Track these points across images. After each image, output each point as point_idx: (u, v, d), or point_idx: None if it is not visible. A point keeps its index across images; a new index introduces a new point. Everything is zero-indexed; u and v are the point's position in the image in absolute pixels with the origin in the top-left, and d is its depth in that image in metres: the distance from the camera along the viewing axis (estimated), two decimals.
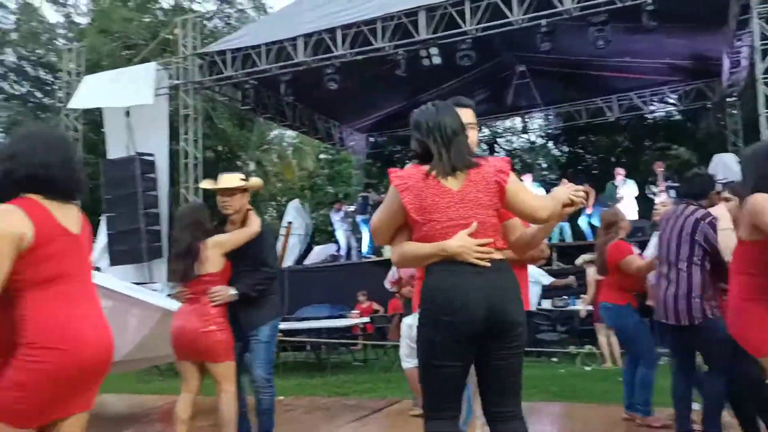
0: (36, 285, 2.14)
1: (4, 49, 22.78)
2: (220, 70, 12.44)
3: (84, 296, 2.27)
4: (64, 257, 2.21)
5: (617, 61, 12.90)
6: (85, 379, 2.20)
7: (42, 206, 2.19)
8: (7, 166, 2.18)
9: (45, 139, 2.28)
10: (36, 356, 2.09)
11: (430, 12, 10.57)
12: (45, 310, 2.14)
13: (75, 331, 2.17)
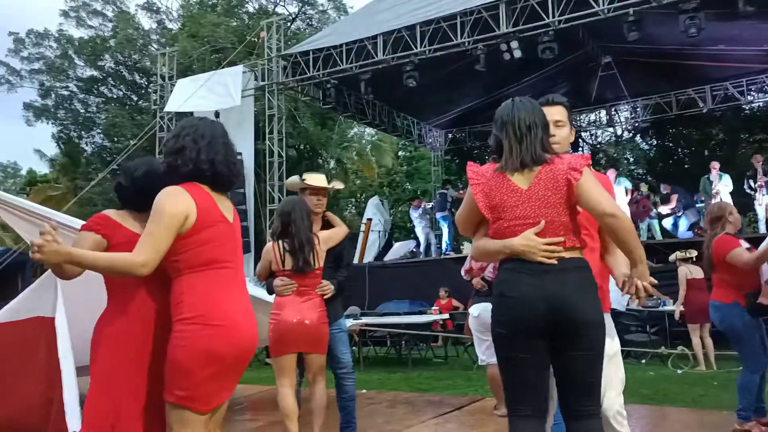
0: (194, 267, 2.22)
1: (104, 55, 24.22)
2: (303, 70, 12.74)
3: (237, 284, 2.33)
4: (221, 243, 2.29)
5: (710, 50, 12.28)
6: (235, 363, 2.25)
7: (206, 192, 2.30)
8: (176, 161, 2.30)
9: (210, 133, 2.36)
10: (192, 332, 2.15)
11: (511, 5, 10.42)
12: (202, 291, 2.20)
13: (230, 313, 2.23)
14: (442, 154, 18.75)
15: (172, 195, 2.21)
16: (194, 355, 2.14)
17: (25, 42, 24.59)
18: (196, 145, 2.30)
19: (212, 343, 2.15)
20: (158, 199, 2.20)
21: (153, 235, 2.15)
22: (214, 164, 2.31)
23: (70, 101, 25.04)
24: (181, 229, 2.19)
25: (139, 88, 24.81)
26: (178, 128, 2.37)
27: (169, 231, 2.16)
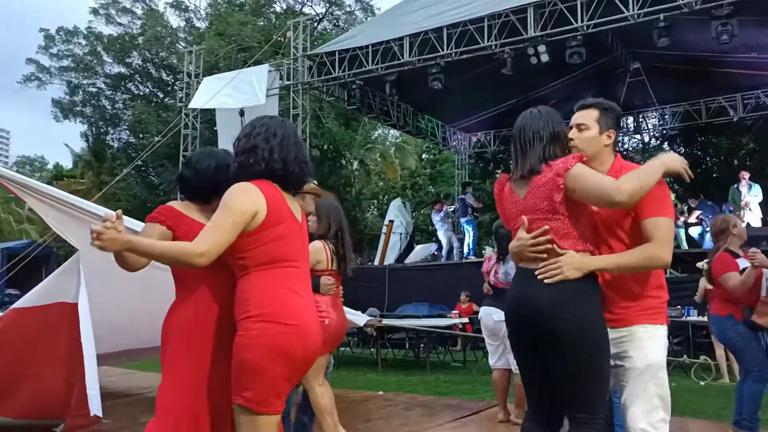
0: (262, 264, 2.19)
1: (132, 53, 24.56)
2: (329, 70, 12.77)
3: (304, 283, 2.30)
4: (289, 241, 2.27)
5: (742, 57, 12.06)
6: (303, 365, 2.20)
7: (277, 190, 2.28)
8: (248, 159, 2.28)
9: (282, 132, 2.33)
10: (262, 329, 2.09)
11: (539, 9, 10.34)
12: (271, 288, 2.17)
13: (299, 312, 2.19)
14: (466, 157, 18.67)
15: (243, 191, 2.19)
16: (266, 353, 2.08)
17: (55, 39, 25.04)
18: (268, 143, 2.28)
19: (285, 342, 2.10)
20: (229, 194, 2.18)
21: (217, 228, 2.12)
22: (286, 163, 2.29)
23: (98, 98, 25.44)
24: (249, 227, 2.16)
25: (166, 86, 25.12)
26: (249, 127, 2.35)
27: (235, 226, 2.13)
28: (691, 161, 20.49)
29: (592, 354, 2.22)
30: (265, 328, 2.09)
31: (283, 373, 2.12)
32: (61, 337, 4.40)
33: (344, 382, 7.53)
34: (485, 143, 18.26)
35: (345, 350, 10.27)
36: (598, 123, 2.44)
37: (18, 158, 62.67)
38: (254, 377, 2.08)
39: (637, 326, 2.31)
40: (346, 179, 23.14)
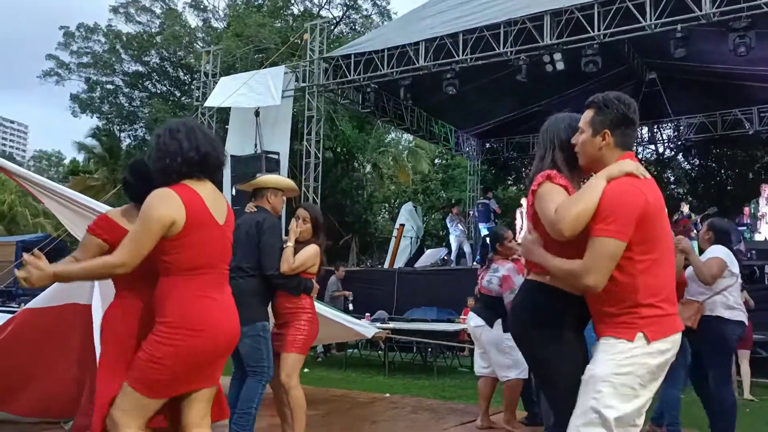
0: (180, 270, 2.32)
1: (150, 51, 24.76)
2: (344, 73, 12.83)
3: (221, 285, 2.43)
4: (208, 246, 2.38)
5: (760, 70, 11.97)
6: (215, 360, 2.40)
7: (197, 195, 2.37)
8: (164, 162, 2.38)
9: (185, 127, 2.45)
10: (175, 335, 2.26)
11: (556, 16, 10.34)
12: (186, 294, 2.31)
13: (211, 317, 2.34)
14: (478, 163, 18.66)
15: (161, 200, 2.28)
16: (176, 355, 2.26)
17: (74, 36, 25.30)
18: (175, 140, 2.38)
19: (194, 348, 2.28)
20: (147, 202, 2.28)
21: (135, 239, 2.26)
22: (199, 149, 2.39)
23: (115, 95, 25.66)
24: (169, 233, 2.28)
25: (183, 85, 25.30)
26: (154, 138, 2.46)
27: (152, 235, 2.25)
28: (706, 173, 20.46)
29: (540, 363, 2.37)
30: (177, 333, 2.26)
31: (184, 370, 2.30)
32: (74, 338, 4.45)
33: (351, 383, 7.56)
34: (498, 149, 18.25)
35: (353, 352, 10.29)
36: (591, 125, 2.29)
37: (35, 152, 63.32)
38: (156, 371, 2.26)
39: (602, 338, 2.22)
40: (359, 182, 23.17)
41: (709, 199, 17.29)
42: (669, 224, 2.27)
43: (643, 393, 2.14)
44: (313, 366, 9.40)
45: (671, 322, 2.19)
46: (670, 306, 2.20)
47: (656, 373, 2.16)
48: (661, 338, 2.15)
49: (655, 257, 2.17)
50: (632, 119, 2.28)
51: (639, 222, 2.11)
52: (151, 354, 2.27)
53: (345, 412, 5.92)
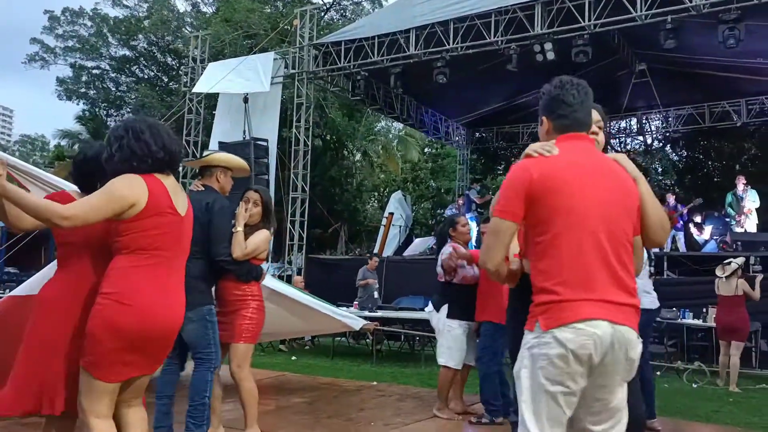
0: (131, 250, 2.41)
1: (137, 36, 24.48)
2: (334, 60, 12.75)
3: (170, 272, 2.48)
4: (163, 232, 2.46)
5: (748, 62, 12.04)
6: (143, 343, 2.39)
7: (161, 185, 2.48)
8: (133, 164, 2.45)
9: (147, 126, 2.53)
10: (104, 307, 2.34)
11: (547, 6, 10.32)
12: (129, 272, 2.38)
13: (144, 295, 2.37)
14: (468, 152, 18.66)
15: (128, 181, 2.39)
16: (103, 327, 2.32)
17: (60, 20, 24.95)
18: (140, 141, 2.47)
19: (120, 321, 2.32)
20: (115, 181, 2.38)
21: (90, 203, 2.32)
22: (165, 147, 2.50)
23: (102, 80, 25.38)
24: (126, 214, 2.37)
25: (171, 70, 25.06)
26: (115, 139, 2.50)
27: (107, 206, 2.32)
28: (693, 164, 20.60)
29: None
30: (106, 305, 2.34)
31: (118, 347, 2.33)
32: None
33: (339, 372, 7.57)
34: (488, 139, 18.25)
35: (341, 341, 10.31)
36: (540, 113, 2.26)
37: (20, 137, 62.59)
38: (92, 346, 2.33)
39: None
40: (348, 170, 23.12)
41: (696, 191, 17.41)
42: (582, 200, 1.99)
43: (556, 388, 1.91)
44: (300, 354, 9.41)
45: (573, 308, 1.91)
46: (572, 290, 1.93)
47: (565, 367, 1.89)
48: (558, 326, 1.91)
49: (550, 237, 1.99)
50: (564, 100, 2.16)
51: (527, 201, 2.02)
52: (87, 328, 2.35)
53: (332, 399, 5.94)
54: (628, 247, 2.03)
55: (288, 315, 5.40)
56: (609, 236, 1.99)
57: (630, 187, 2.11)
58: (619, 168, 2.14)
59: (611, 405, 1.99)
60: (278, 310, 5.22)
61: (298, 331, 7.88)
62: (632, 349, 1.97)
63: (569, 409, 1.94)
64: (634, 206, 2.10)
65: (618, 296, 1.95)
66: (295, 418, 5.03)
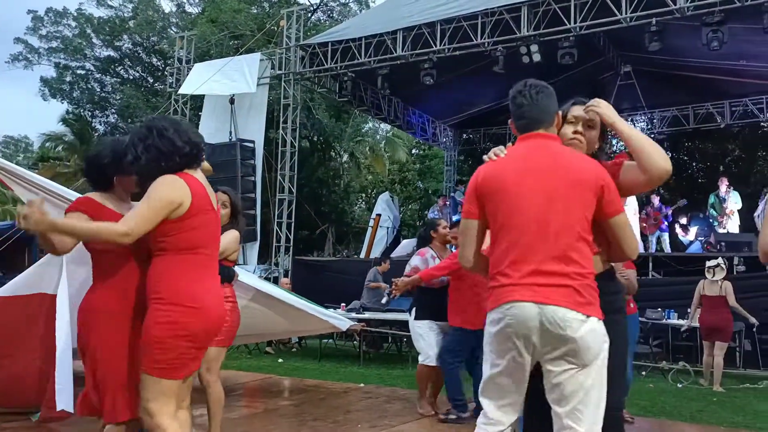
0: (178, 250, 2.43)
1: (122, 36, 24.30)
2: (321, 62, 12.72)
3: (211, 269, 2.56)
4: (205, 230, 2.50)
5: (731, 65, 12.15)
6: (206, 340, 2.51)
7: (199, 182, 2.50)
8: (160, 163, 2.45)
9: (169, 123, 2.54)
10: (171, 312, 2.37)
11: (533, 8, 10.36)
12: (181, 273, 2.42)
13: (204, 296, 2.45)
14: (455, 154, 18.70)
15: (170, 183, 2.42)
16: (174, 332, 2.36)
17: (43, 20, 24.73)
18: (166, 138, 2.46)
19: (189, 324, 2.39)
20: (158, 184, 2.40)
21: (142, 213, 2.34)
22: (191, 142, 2.51)
23: (87, 80, 25.17)
24: (173, 215, 2.39)
25: (156, 71, 24.90)
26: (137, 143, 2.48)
27: (158, 214, 2.35)
28: (678, 166, 20.79)
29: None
30: (172, 310, 2.37)
31: (187, 347, 2.40)
32: (39, 328, 4.39)
33: (326, 374, 7.55)
34: (475, 140, 18.29)
35: (328, 342, 10.28)
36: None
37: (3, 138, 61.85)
38: (163, 352, 2.36)
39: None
40: (335, 171, 23.09)
41: (681, 192, 17.57)
42: (520, 196, 2.22)
43: (497, 362, 2.21)
44: (287, 356, 9.37)
45: (506, 291, 2.17)
46: (506, 277, 2.19)
47: (495, 344, 2.21)
48: (494, 308, 2.21)
49: (496, 231, 2.28)
50: (517, 102, 2.40)
51: (478, 201, 2.33)
52: (152, 335, 2.37)
53: (319, 402, 5.92)
54: (567, 235, 2.17)
55: (274, 315, 5.38)
56: (545, 226, 2.17)
57: (580, 179, 2.22)
58: (570, 162, 2.25)
59: (575, 386, 2.13)
60: (265, 310, 5.20)
61: (285, 332, 7.85)
62: (569, 329, 2.10)
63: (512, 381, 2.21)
64: (584, 196, 2.20)
65: (550, 279, 2.13)
66: (281, 420, 5.01)
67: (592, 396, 2.14)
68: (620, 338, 2.34)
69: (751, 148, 18.82)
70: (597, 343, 2.14)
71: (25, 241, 11.78)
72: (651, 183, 2.29)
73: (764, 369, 8.39)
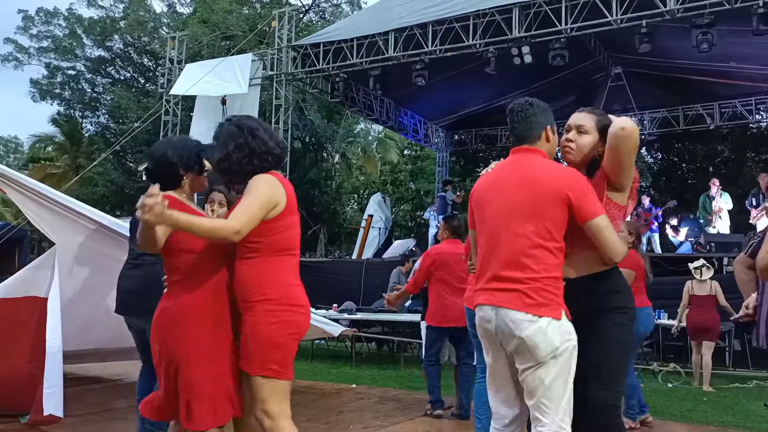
0: (275, 251, 2.44)
1: (113, 36, 24.19)
2: (313, 62, 12.71)
3: (298, 268, 2.60)
4: (295, 230, 2.53)
5: (721, 66, 12.24)
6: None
7: (288, 182, 2.54)
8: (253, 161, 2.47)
9: (258, 123, 2.59)
10: (281, 312, 2.40)
11: (525, 10, 10.40)
12: (284, 273, 2.46)
13: (304, 296, 2.53)
14: (447, 155, 18.71)
15: (269, 182, 2.43)
16: (288, 331, 2.41)
17: (34, 20, 24.58)
18: (259, 138, 2.48)
19: (299, 322, 2.46)
20: (257, 182, 2.41)
21: (250, 210, 2.33)
22: (280, 144, 2.56)
23: (77, 80, 25.04)
24: (270, 215, 2.39)
25: (147, 71, 24.81)
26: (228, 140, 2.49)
27: (262, 211, 2.37)
28: (668, 167, 20.90)
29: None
30: (282, 311, 2.39)
31: (295, 347, 2.47)
32: (29, 331, 4.36)
33: (318, 374, 7.54)
34: (467, 141, 18.33)
35: (320, 343, 10.27)
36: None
37: None
38: (276, 351, 2.38)
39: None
40: (327, 172, 23.08)
41: (671, 193, 17.68)
42: (492, 209, 2.45)
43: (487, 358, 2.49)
44: None
45: (476, 296, 2.46)
46: (478, 282, 2.48)
47: (482, 339, 2.47)
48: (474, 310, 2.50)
49: (477, 237, 2.54)
50: (508, 118, 2.59)
51: (471, 211, 2.59)
52: (265, 336, 2.37)
53: (311, 402, 5.91)
54: (526, 244, 2.33)
55: None
56: (499, 237, 2.39)
57: (542, 190, 2.36)
58: (537, 175, 2.40)
59: (536, 382, 2.29)
60: None
61: None
62: (516, 329, 2.28)
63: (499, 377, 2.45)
64: (544, 206, 2.35)
65: (503, 284, 2.34)
66: None
67: (555, 391, 2.27)
68: (613, 337, 2.39)
69: (740, 149, 18.97)
70: (546, 342, 2.26)
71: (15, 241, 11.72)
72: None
73: (754, 369, 8.44)
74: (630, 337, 2.47)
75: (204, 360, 2.40)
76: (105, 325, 4.88)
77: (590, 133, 2.50)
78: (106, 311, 4.73)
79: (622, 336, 2.43)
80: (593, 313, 2.39)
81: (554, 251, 2.33)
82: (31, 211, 4.36)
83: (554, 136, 2.53)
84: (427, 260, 5.33)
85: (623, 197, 2.49)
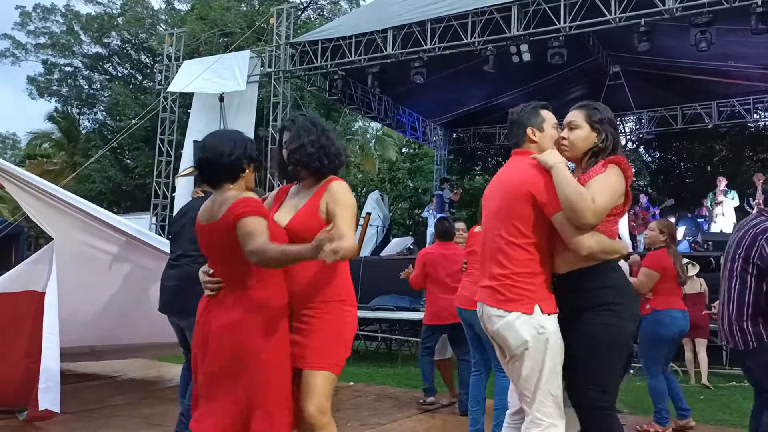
0: None
1: (110, 33, 24.14)
2: (311, 60, 12.69)
3: None
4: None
5: (719, 65, 12.25)
6: None
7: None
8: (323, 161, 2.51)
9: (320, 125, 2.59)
10: (352, 313, 2.54)
11: (523, 8, 10.39)
12: (346, 277, 2.58)
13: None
14: (445, 153, 18.71)
15: (349, 191, 2.57)
16: (353, 333, 2.55)
17: (31, 16, 24.52)
18: (330, 139, 2.54)
19: (356, 324, 2.60)
20: (345, 192, 2.50)
21: (349, 223, 2.43)
22: (344, 149, 2.64)
23: (74, 77, 24.98)
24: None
25: (145, 68, 24.76)
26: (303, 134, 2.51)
27: (353, 220, 2.49)
28: (666, 166, 20.92)
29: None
30: (353, 312, 2.55)
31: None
32: (26, 326, 4.35)
33: None
34: (465, 139, 18.32)
35: None
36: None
37: None
38: (345, 350, 2.51)
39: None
40: None
41: (669, 192, 17.70)
42: (484, 211, 2.62)
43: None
44: None
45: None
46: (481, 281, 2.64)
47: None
48: None
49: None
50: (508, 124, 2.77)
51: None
52: (342, 335, 2.49)
53: None
54: (500, 243, 2.45)
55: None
56: (491, 237, 2.52)
57: (509, 191, 2.49)
58: (508, 177, 2.54)
59: (516, 374, 2.42)
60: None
61: None
62: (489, 324, 2.45)
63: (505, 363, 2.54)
64: (512, 205, 2.46)
65: (486, 281, 2.50)
66: None
67: (531, 382, 2.35)
68: (595, 336, 2.36)
69: (738, 148, 18.99)
70: (515, 336, 2.35)
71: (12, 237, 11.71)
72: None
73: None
74: (617, 334, 2.37)
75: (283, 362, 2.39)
76: (103, 323, 4.87)
77: (581, 126, 2.53)
78: (104, 307, 4.72)
79: (607, 334, 2.36)
80: (576, 311, 2.39)
81: (525, 246, 2.41)
82: (30, 205, 4.35)
83: (542, 134, 2.59)
84: (419, 261, 5.60)
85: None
